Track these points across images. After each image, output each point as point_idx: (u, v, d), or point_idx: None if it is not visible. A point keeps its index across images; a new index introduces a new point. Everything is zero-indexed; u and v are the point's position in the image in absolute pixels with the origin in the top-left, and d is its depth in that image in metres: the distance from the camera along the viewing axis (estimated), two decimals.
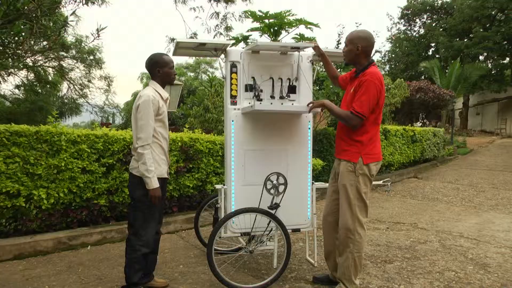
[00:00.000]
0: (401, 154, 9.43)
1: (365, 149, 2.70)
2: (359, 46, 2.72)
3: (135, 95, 21.64)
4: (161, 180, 2.74)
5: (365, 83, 2.62)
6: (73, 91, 18.41)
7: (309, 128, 3.29)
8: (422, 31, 28.26)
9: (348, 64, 2.88)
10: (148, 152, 2.59)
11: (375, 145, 2.74)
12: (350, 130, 2.75)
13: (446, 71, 22.59)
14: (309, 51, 3.34)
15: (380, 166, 2.83)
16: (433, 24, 27.25)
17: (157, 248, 2.94)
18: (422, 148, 10.50)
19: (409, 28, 29.43)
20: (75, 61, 17.18)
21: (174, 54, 3.32)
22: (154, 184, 2.59)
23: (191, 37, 7.82)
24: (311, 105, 2.85)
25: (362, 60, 2.76)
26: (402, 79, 14.12)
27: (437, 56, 26.20)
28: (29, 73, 13.31)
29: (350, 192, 2.73)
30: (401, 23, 29.57)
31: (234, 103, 3.15)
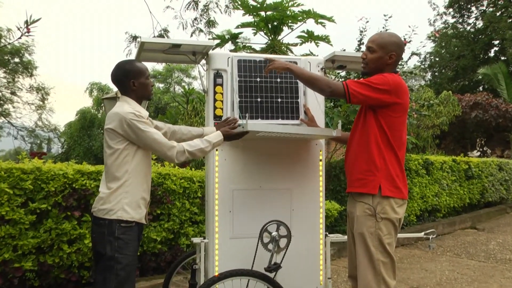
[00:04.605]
0: (451, 195, 9.50)
1: (383, 176, 2.80)
2: (393, 54, 2.89)
3: (81, 113, 21.71)
4: (138, 226, 2.81)
5: (378, 75, 2.84)
6: None
7: (321, 160, 3.38)
8: (480, 23, 27.63)
9: (369, 74, 3.01)
10: (183, 145, 2.80)
11: (397, 175, 2.83)
12: (362, 155, 2.88)
13: None
14: (320, 56, 3.47)
15: (405, 209, 2.90)
16: (497, 14, 26.84)
17: None
18: (482, 187, 10.57)
19: (460, 20, 29.03)
20: None
21: (138, 58, 3.38)
22: (219, 140, 2.92)
23: (161, 35, 8.02)
24: (270, 67, 2.97)
25: (388, 71, 2.91)
26: (450, 92, 14.32)
27: (502, 58, 25.98)
28: None
29: (370, 243, 2.78)
30: (449, 13, 29.20)
31: None
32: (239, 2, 6.32)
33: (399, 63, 3.19)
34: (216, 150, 3.19)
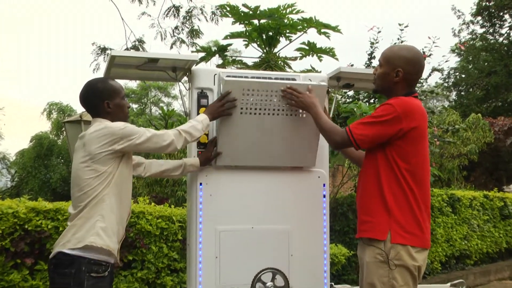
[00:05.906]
0: (484, 239, 9.48)
1: (395, 219, 2.79)
2: (399, 71, 2.90)
3: (37, 139, 21.65)
4: (110, 276, 2.80)
5: (382, 105, 2.87)
6: None
7: (324, 196, 3.41)
8: None
9: (378, 92, 3.07)
10: (176, 128, 2.93)
11: (415, 219, 2.82)
12: (371, 192, 2.90)
13: None
14: (323, 73, 3.54)
15: (426, 256, 2.89)
16: None
17: None
18: None
19: (491, 30, 29.17)
20: None
21: (107, 74, 3.41)
22: (205, 118, 3.02)
23: (135, 47, 8.10)
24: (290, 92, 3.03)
25: (400, 91, 2.94)
26: (479, 115, 14.40)
27: None
28: None
29: None
30: (477, 22, 29.42)
31: None
32: (228, 8, 6.38)
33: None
34: (201, 183, 3.22)
